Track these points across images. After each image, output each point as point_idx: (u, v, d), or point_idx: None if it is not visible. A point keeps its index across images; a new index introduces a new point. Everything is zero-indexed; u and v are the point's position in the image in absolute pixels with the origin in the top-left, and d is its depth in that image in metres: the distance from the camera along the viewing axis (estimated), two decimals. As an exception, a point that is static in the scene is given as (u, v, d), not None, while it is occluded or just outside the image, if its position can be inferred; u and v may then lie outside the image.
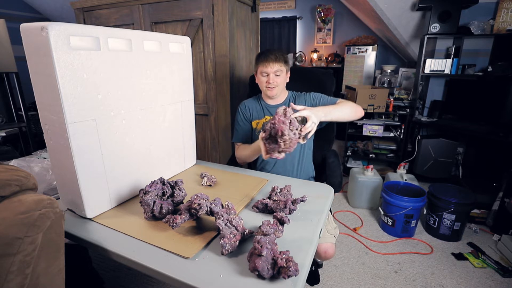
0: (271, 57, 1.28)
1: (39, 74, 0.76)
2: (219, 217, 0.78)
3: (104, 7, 1.95)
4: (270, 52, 1.31)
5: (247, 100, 1.48)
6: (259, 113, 1.42)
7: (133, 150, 0.98)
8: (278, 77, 1.31)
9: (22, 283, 0.57)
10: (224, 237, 0.71)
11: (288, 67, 1.35)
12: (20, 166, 1.13)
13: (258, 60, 1.33)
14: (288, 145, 0.92)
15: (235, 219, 0.78)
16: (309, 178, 1.43)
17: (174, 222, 0.76)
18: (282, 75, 1.32)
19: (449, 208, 1.88)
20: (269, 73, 1.29)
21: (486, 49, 2.63)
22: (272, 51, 1.32)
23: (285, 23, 4.10)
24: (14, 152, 2.30)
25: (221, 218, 0.77)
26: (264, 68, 1.29)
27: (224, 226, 0.74)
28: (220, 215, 0.78)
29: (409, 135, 2.87)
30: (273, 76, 1.30)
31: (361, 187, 2.38)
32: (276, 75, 1.30)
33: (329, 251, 1.22)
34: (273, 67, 1.28)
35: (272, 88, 1.32)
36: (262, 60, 1.30)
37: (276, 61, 1.28)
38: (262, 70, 1.30)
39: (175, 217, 0.77)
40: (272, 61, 1.28)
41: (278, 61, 1.29)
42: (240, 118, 1.44)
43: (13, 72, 2.24)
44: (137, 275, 1.61)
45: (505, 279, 1.63)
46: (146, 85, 0.99)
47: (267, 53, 1.31)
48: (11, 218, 0.57)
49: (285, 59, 1.33)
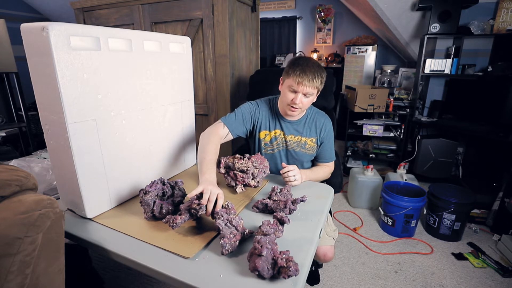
0: (309, 75, 1.06)
1: (40, 74, 0.76)
2: (219, 217, 0.78)
3: (104, 7, 1.95)
4: (308, 68, 1.07)
5: (262, 102, 1.29)
6: (271, 124, 1.26)
7: (133, 150, 0.98)
8: (307, 98, 1.12)
9: (22, 283, 0.57)
10: (224, 237, 0.71)
11: (322, 88, 1.15)
12: (20, 166, 1.13)
13: (292, 71, 1.09)
14: None
15: (235, 219, 0.78)
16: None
17: (174, 222, 0.77)
18: (312, 97, 1.14)
19: (449, 208, 1.88)
20: (298, 92, 1.10)
21: (486, 49, 2.63)
22: (312, 65, 1.08)
23: (285, 23, 4.10)
24: (14, 152, 2.30)
25: (221, 218, 0.77)
26: (296, 84, 1.08)
27: (224, 226, 0.74)
28: (220, 215, 0.78)
29: (409, 135, 2.87)
30: (302, 97, 1.10)
31: (361, 187, 2.38)
32: (306, 96, 1.11)
33: (328, 254, 1.21)
34: (306, 88, 1.08)
35: (295, 110, 1.14)
36: (297, 75, 1.07)
37: (313, 81, 1.07)
38: (292, 85, 1.09)
39: (175, 218, 0.77)
40: (308, 80, 1.07)
41: (315, 82, 1.08)
42: (247, 111, 1.24)
43: (13, 72, 2.24)
44: (137, 275, 1.60)
45: (505, 279, 1.63)
46: (146, 85, 0.99)
47: (304, 67, 1.07)
48: (11, 218, 0.57)
49: (323, 79, 1.11)
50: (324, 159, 1.32)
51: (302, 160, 1.32)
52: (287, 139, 1.27)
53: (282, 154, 1.30)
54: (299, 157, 1.30)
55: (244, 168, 1.04)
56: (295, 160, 1.30)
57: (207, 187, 0.85)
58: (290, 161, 1.31)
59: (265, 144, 1.28)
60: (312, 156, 1.33)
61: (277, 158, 1.30)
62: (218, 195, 0.85)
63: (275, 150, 1.29)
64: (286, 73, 1.14)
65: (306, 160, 1.33)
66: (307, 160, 1.34)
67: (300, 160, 1.31)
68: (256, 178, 1.08)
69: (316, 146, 1.30)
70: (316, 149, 1.31)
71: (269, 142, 1.28)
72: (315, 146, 1.30)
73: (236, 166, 1.04)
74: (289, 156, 1.30)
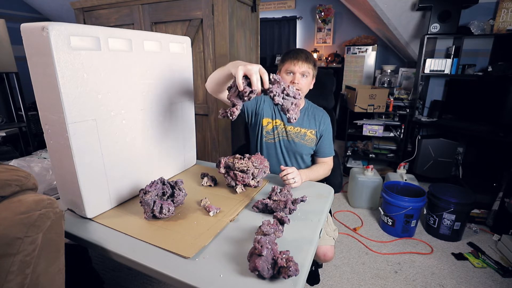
0: (302, 55, 1.18)
1: (40, 74, 0.76)
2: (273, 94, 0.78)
3: (104, 7, 1.95)
4: (300, 51, 1.20)
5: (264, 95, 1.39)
6: (273, 113, 1.32)
7: (133, 150, 0.98)
8: (305, 78, 1.21)
9: (22, 283, 0.57)
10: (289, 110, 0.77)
11: (315, 73, 1.26)
12: (20, 166, 1.13)
13: (286, 57, 1.21)
14: None
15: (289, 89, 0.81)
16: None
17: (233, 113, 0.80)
18: (309, 78, 1.22)
19: (449, 208, 1.88)
20: (295, 72, 1.18)
21: (486, 49, 2.64)
22: (303, 50, 1.21)
23: (285, 23, 4.10)
24: (14, 152, 2.30)
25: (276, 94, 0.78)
26: (292, 66, 1.18)
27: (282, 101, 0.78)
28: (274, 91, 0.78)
29: (409, 135, 2.87)
30: (299, 76, 1.19)
31: (361, 187, 2.38)
32: (303, 76, 1.20)
33: (329, 254, 1.22)
34: (302, 67, 1.18)
35: None
36: (291, 57, 1.19)
37: (306, 61, 1.18)
38: (289, 67, 1.19)
39: (232, 110, 0.80)
40: (302, 60, 1.17)
41: (308, 62, 1.19)
42: None
43: (13, 72, 2.24)
44: (137, 275, 1.60)
45: (505, 279, 1.63)
46: (147, 85, 0.99)
47: (297, 50, 1.20)
48: (11, 218, 0.57)
49: (315, 62, 1.23)
50: (323, 153, 1.34)
51: (301, 152, 1.32)
52: (287, 129, 1.30)
53: (282, 144, 1.32)
54: (298, 148, 1.31)
55: (244, 168, 1.04)
56: (295, 151, 1.32)
57: (245, 67, 0.80)
58: (290, 152, 1.32)
59: (266, 132, 1.32)
60: (311, 149, 1.33)
61: (277, 148, 1.32)
62: (260, 70, 0.81)
63: (276, 140, 1.31)
64: (281, 62, 1.25)
65: (306, 152, 1.34)
66: (307, 153, 1.35)
67: (300, 152, 1.32)
68: (256, 178, 1.08)
69: (316, 138, 1.31)
70: (315, 142, 1.32)
71: (270, 131, 1.32)
72: (314, 139, 1.31)
73: (236, 166, 1.04)
74: (289, 146, 1.31)
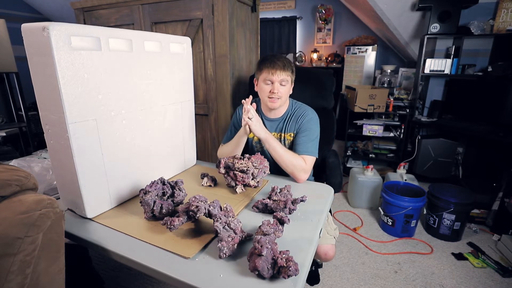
0: (279, 64, 1.16)
1: (40, 74, 0.76)
2: (217, 219, 0.77)
3: (104, 7, 1.95)
4: (277, 58, 1.17)
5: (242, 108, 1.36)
6: None
7: (133, 150, 0.98)
8: (283, 87, 1.19)
9: (22, 283, 0.57)
10: (222, 240, 0.70)
11: (294, 77, 1.25)
12: (20, 166, 1.13)
13: (263, 66, 1.19)
14: None
15: (234, 221, 0.77)
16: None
17: (172, 224, 0.76)
18: (288, 85, 1.21)
19: (449, 208, 1.88)
20: (274, 82, 1.17)
21: (486, 49, 2.63)
22: (279, 57, 1.18)
23: (285, 23, 4.10)
24: (14, 152, 2.30)
25: (219, 221, 0.76)
26: (270, 75, 1.16)
27: (222, 229, 0.73)
28: (218, 217, 0.77)
29: (409, 135, 2.87)
30: (278, 85, 1.18)
31: (361, 187, 2.38)
32: (282, 84, 1.18)
33: (329, 253, 1.21)
34: (280, 76, 1.16)
35: (275, 100, 1.20)
36: (268, 66, 1.17)
37: (284, 70, 1.16)
38: (267, 77, 1.18)
39: (172, 220, 0.77)
40: (279, 69, 1.15)
41: (286, 70, 1.17)
42: (235, 120, 1.36)
43: (13, 72, 2.24)
44: (137, 275, 1.61)
45: (505, 279, 1.63)
46: (147, 85, 0.99)
47: (273, 59, 1.17)
48: (11, 218, 0.57)
49: (293, 68, 1.21)
50: (297, 151, 1.22)
51: None
52: None
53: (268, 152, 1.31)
54: None
55: (244, 168, 1.04)
56: None
57: None
58: None
59: (255, 142, 1.37)
60: None
61: (267, 154, 1.31)
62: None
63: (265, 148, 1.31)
64: (258, 71, 1.23)
65: None
66: None
67: None
68: (256, 178, 1.08)
69: None
70: None
71: (258, 141, 1.35)
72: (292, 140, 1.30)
73: (236, 166, 1.05)
74: None
